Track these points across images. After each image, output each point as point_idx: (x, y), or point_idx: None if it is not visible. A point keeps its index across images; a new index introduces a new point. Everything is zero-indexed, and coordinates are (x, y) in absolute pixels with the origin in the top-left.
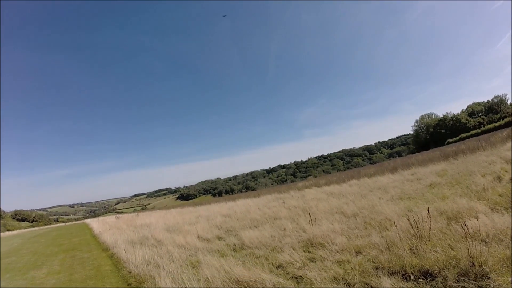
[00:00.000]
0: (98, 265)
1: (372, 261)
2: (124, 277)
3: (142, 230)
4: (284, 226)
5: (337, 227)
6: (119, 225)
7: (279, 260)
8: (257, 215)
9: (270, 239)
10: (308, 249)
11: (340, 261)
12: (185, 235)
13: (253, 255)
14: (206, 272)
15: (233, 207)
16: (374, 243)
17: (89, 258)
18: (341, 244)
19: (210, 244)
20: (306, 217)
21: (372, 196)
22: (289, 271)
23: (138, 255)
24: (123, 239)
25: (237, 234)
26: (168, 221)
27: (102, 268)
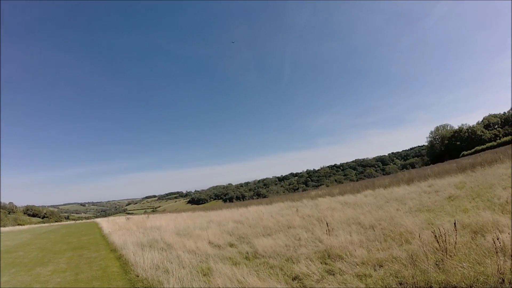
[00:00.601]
0: (106, 266)
1: (395, 276)
2: (131, 281)
3: (152, 233)
4: (299, 236)
5: (355, 238)
6: (129, 226)
7: (295, 271)
8: (270, 223)
9: (284, 249)
10: (326, 261)
11: (361, 275)
12: (196, 240)
13: (267, 265)
14: (218, 281)
15: (245, 213)
16: (396, 256)
17: (97, 258)
18: (361, 257)
19: (222, 250)
20: (321, 226)
21: (389, 207)
22: (307, 284)
23: (146, 258)
24: (132, 241)
25: (250, 241)
26: (179, 224)
27: (109, 270)
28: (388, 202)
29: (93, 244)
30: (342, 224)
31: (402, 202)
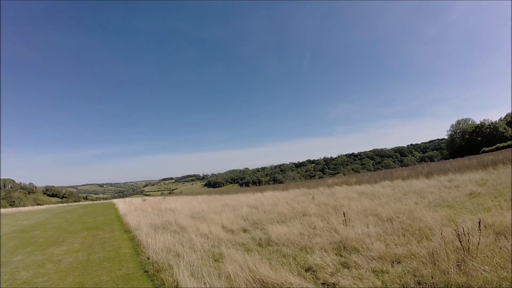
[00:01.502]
0: (118, 247)
1: (413, 274)
2: (142, 263)
3: (166, 215)
4: (314, 224)
5: (372, 230)
6: (144, 208)
7: (309, 262)
8: (285, 209)
9: (299, 237)
10: (341, 253)
11: (377, 271)
12: (210, 224)
13: (280, 253)
14: (228, 268)
15: (260, 198)
16: (414, 252)
17: (110, 239)
18: (378, 251)
19: (235, 236)
20: (337, 216)
21: (408, 200)
22: (320, 276)
23: (159, 241)
24: (146, 222)
25: (264, 228)
26: (194, 207)
27: (121, 251)
28: (406, 194)
29: (108, 225)
30: (358, 215)
31: (421, 196)
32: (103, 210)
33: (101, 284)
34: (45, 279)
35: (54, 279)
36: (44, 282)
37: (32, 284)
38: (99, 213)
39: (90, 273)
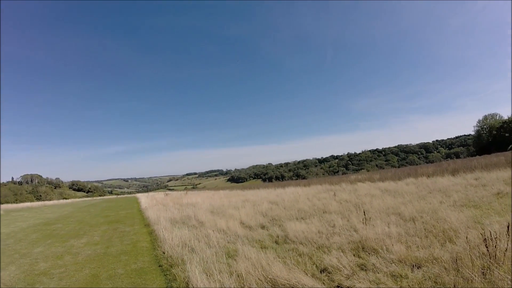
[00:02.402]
0: (136, 241)
1: (434, 281)
2: (157, 257)
3: (187, 209)
4: (334, 222)
5: (393, 230)
6: (166, 202)
7: (325, 262)
8: (305, 206)
9: (317, 235)
10: (359, 254)
11: (396, 275)
12: (228, 220)
13: (296, 252)
14: (241, 266)
15: (282, 194)
16: (437, 257)
17: (129, 233)
18: (398, 253)
19: (252, 232)
20: (358, 214)
21: (432, 198)
22: (335, 279)
23: (176, 236)
24: (166, 217)
25: (282, 224)
26: (214, 202)
27: (138, 245)
28: (431, 192)
29: (129, 218)
30: (380, 213)
31: (447, 194)
32: (126, 204)
33: (115, 276)
34: (62, 270)
35: (71, 270)
36: (60, 273)
37: (49, 275)
38: (121, 207)
39: (106, 266)
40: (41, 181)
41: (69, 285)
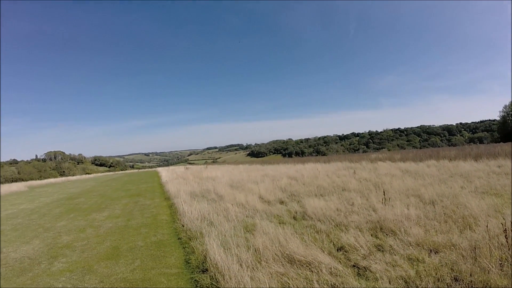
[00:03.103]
0: (156, 214)
1: (450, 268)
2: (176, 230)
3: (206, 183)
4: (353, 200)
5: (412, 213)
6: (186, 176)
7: (342, 241)
8: (324, 183)
9: (335, 213)
10: (376, 234)
11: (413, 258)
12: (247, 194)
13: (313, 229)
14: (258, 240)
15: (301, 170)
16: (455, 243)
17: (150, 206)
18: (416, 236)
19: (271, 207)
20: (377, 193)
21: (453, 183)
22: (351, 258)
23: (195, 209)
24: (186, 190)
25: (301, 200)
26: (234, 176)
27: (158, 217)
28: (452, 177)
29: (149, 192)
30: (400, 194)
31: (468, 180)
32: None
33: (135, 249)
34: (84, 243)
35: (92, 243)
36: (82, 246)
37: (71, 248)
38: (142, 180)
39: (126, 238)
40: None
41: (90, 257)
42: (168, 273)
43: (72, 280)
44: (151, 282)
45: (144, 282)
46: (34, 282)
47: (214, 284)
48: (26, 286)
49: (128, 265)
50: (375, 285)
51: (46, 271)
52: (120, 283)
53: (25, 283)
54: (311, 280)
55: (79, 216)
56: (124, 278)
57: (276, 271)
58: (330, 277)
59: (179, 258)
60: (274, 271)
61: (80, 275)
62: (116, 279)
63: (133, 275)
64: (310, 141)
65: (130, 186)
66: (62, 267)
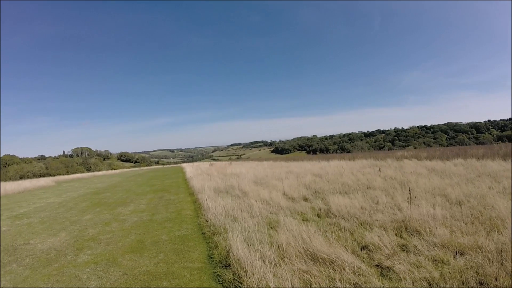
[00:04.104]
0: (181, 209)
1: (475, 271)
2: (200, 225)
3: (231, 179)
4: (378, 199)
5: (438, 213)
6: (211, 172)
7: (366, 239)
8: (349, 180)
9: (359, 211)
10: (401, 233)
11: (437, 260)
12: (271, 190)
13: (337, 226)
14: (282, 237)
15: (326, 167)
16: (481, 245)
17: (174, 201)
18: (441, 237)
19: (295, 204)
20: (403, 192)
21: (481, 183)
22: (375, 257)
23: (219, 204)
24: (210, 186)
25: (325, 198)
26: (258, 173)
27: (183, 212)
28: (480, 176)
29: (174, 187)
30: (426, 193)
31: (496, 180)
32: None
33: (159, 242)
34: (109, 236)
35: (117, 236)
36: (107, 239)
37: (97, 241)
38: (167, 176)
39: (151, 232)
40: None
41: (115, 249)
42: (191, 267)
43: (96, 271)
44: (174, 276)
45: (167, 276)
46: (59, 273)
47: (236, 279)
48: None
49: (152, 259)
50: (398, 285)
51: (72, 263)
52: (144, 275)
53: (51, 273)
54: (334, 279)
55: (104, 210)
56: (148, 271)
57: (299, 268)
58: (353, 276)
59: (202, 252)
60: (296, 268)
61: (105, 267)
62: (140, 272)
63: (156, 268)
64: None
65: (155, 181)
66: (87, 259)
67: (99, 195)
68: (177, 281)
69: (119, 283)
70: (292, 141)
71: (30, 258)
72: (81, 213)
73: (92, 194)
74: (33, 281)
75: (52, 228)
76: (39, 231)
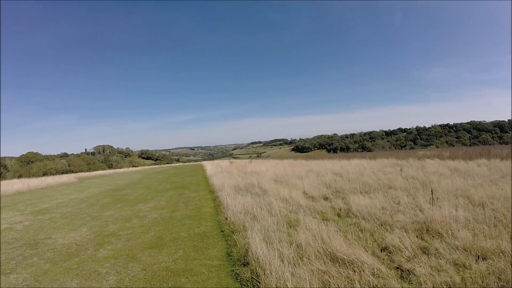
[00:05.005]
0: (200, 206)
1: (497, 277)
2: (220, 222)
3: (251, 177)
4: (399, 199)
5: (460, 215)
6: (231, 170)
7: (386, 241)
8: (370, 180)
9: (380, 211)
10: (422, 235)
11: (459, 264)
12: (291, 189)
13: (357, 227)
14: (301, 236)
15: (346, 166)
16: (504, 250)
17: (194, 198)
18: (464, 240)
19: (315, 203)
20: (424, 192)
21: (505, 184)
22: (395, 259)
23: (239, 202)
24: (230, 184)
25: (345, 197)
26: (278, 171)
27: (202, 210)
28: (504, 177)
29: (194, 185)
30: (448, 194)
31: None
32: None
33: (178, 239)
34: (129, 232)
35: (137, 232)
36: (127, 234)
37: (117, 236)
38: (187, 174)
39: (171, 229)
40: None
41: (135, 245)
42: (210, 264)
43: (116, 266)
44: (192, 273)
45: (185, 272)
46: (79, 267)
47: (254, 278)
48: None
49: (171, 255)
50: None
51: (92, 257)
52: (162, 271)
53: (71, 267)
54: (353, 280)
55: (125, 206)
56: (166, 267)
57: (318, 268)
58: (372, 278)
59: (221, 250)
60: (315, 268)
61: (124, 262)
62: (159, 268)
63: (175, 264)
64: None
65: (175, 179)
66: (107, 254)
67: (120, 191)
68: (195, 278)
69: (138, 279)
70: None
71: (51, 252)
72: (102, 209)
73: (113, 191)
74: (53, 274)
75: (74, 223)
76: (61, 226)
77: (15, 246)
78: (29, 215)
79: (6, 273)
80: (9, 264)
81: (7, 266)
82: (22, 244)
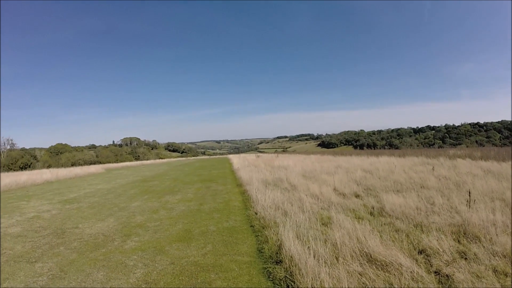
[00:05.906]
0: (228, 200)
1: None
2: (249, 217)
3: (278, 172)
4: (433, 199)
5: (498, 219)
6: (258, 164)
7: (423, 243)
8: (401, 178)
9: (414, 211)
10: (459, 239)
11: (498, 270)
12: (321, 185)
13: (392, 227)
14: (336, 234)
15: (375, 163)
16: None
17: (222, 191)
18: (503, 246)
19: (346, 200)
20: (458, 193)
21: None
22: (434, 263)
23: (268, 197)
24: (258, 178)
25: (377, 195)
26: (306, 166)
27: (231, 203)
28: None
29: (221, 178)
30: (483, 197)
31: None
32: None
33: (207, 233)
34: (157, 224)
35: (165, 224)
36: (155, 226)
37: (144, 228)
38: (214, 166)
39: (199, 222)
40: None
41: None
42: (240, 260)
43: (143, 259)
44: (222, 269)
45: (215, 268)
46: (106, 258)
47: (288, 277)
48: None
49: (200, 249)
50: None
51: (119, 248)
52: (191, 266)
53: (98, 258)
54: (392, 284)
55: (152, 198)
56: (195, 262)
57: (354, 269)
58: (411, 282)
59: (251, 246)
60: (352, 269)
61: (152, 255)
62: (187, 262)
63: (204, 259)
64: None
65: (202, 171)
66: (135, 246)
67: (147, 183)
68: (225, 275)
69: (166, 273)
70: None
71: (78, 242)
72: (129, 200)
73: (140, 182)
74: (79, 264)
75: (101, 213)
76: (88, 216)
77: (42, 235)
78: (57, 204)
79: (32, 262)
80: (36, 252)
81: (33, 255)
82: (49, 233)
